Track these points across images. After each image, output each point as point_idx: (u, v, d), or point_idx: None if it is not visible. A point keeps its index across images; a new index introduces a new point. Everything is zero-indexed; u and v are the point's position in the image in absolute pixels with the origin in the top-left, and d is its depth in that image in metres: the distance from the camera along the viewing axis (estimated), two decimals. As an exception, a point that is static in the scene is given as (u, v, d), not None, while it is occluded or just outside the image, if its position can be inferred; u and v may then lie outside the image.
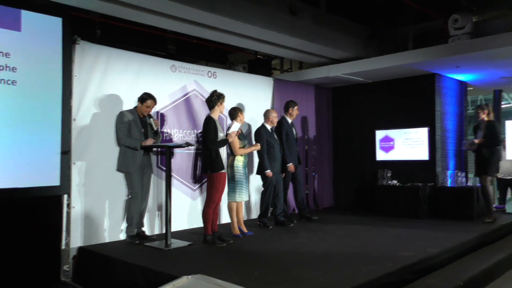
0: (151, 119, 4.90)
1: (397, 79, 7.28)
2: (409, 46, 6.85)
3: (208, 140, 4.57)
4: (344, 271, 3.58)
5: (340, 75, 7.11)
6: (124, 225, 4.85)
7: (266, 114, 5.80)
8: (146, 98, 4.77)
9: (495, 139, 6.02)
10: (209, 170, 4.56)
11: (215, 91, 4.76)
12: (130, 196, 4.77)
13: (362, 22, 7.16)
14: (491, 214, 6.05)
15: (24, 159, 4.11)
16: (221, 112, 4.81)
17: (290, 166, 5.91)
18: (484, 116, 6.12)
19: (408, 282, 3.67)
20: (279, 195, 5.77)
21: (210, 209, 4.62)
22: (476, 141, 6.09)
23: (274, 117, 5.78)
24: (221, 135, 4.66)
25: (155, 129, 4.89)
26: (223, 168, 4.63)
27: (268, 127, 5.74)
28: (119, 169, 4.79)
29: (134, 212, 4.73)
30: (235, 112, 5.01)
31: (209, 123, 4.63)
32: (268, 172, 5.53)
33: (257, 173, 5.75)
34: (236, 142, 4.98)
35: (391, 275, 3.54)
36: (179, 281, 3.21)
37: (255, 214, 6.34)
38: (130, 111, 4.81)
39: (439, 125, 6.99)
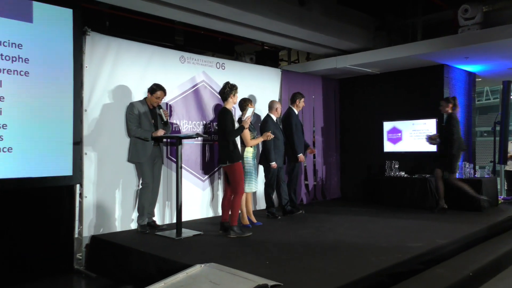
0: (161, 110, 4.93)
1: (405, 70, 7.26)
2: (418, 37, 6.82)
3: (228, 132, 4.59)
4: (354, 261, 3.62)
5: (348, 66, 7.10)
6: (135, 215, 4.91)
7: (272, 105, 5.82)
8: (156, 89, 4.80)
9: (449, 134, 5.89)
10: (229, 161, 4.58)
11: (227, 83, 4.76)
12: (141, 186, 4.82)
13: (370, 13, 7.13)
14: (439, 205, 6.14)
15: (37, 149, 4.15)
16: (234, 103, 4.82)
17: (301, 156, 5.93)
18: (448, 110, 6.03)
19: (417, 272, 3.71)
20: (282, 186, 5.81)
21: (240, 199, 4.63)
22: (432, 135, 6.10)
23: (279, 108, 5.81)
24: (236, 125, 4.70)
25: (165, 119, 4.93)
26: (241, 158, 4.70)
27: (274, 117, 5.76)
28: (130, 159, 4.84)
29: (145, 202, 4.78)
30: (244, 103, 5.04)
31: (226, 114, 4.64)
32: (273, 164, 5.56)
33: (260, 163, 5.78)
34: (247, 133, 5.01)
35: (401, 265, 3.58)
36: (192, 269, 3.27)
37: (262, 204, 6.39)
38: (140, 102, 4.85)
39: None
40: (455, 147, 5.89)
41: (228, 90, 4.72)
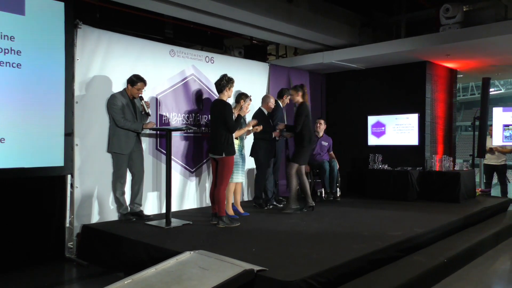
0: (142, 101, 4.97)
1: (389, 66, 7.47)
2: (402, 34, 7.02)
3: (231, 125, 4.69)
4: (336, 248, 3.80)
5: (334, 61, 7.28)
6: (116, 205, 4.98)
7: (265, 99, 5.96)
8: (137, 81, 4.83)
9: (296, 124, 5.45)
10: (225, 153, 4.68)
11: (225, 75, 4.84)
12: (114, 177, 4.86)
13: (356, 10, 7.30)
14: (289, 205, 5.60)
15: (29, 140, 4.24)
16: (229, 96, 4.90)
17: (276, 133, 5.87)
18: (299, 98, 5.57)
19: (395, 259, 3.92)
20: (269, 178, 5.97)
21: (224, 190, 4.76)
22: (280, 126, 5.68)
23: (272, 103, 5.93)
24: None
25: (147, 111, 4.98)
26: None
27: (265, 111, 5.90)
28: (111, 150, 4.84)
29: (119, 192, 4.86)
30: (239, 98, 5.16)
31: (227, 106, 4.72)
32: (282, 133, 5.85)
33: (250, 155, 5.92)
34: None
35: (380, 252, 3.78)
36: (182, 256, 3.42)
37: (246, 196, 6.58)
38: (120, 93, 4.86)
39: (429, 111, 7.22)
40: (306, 139, 5.48)
41: (225, 82, 4.80)
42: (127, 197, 5.01)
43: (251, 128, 5.40)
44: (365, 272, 3.53)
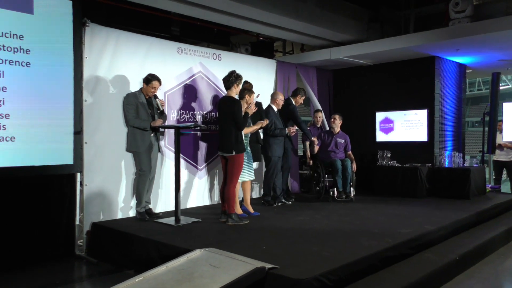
0: (157, 99, 5.02)
1: (397, 61, 7.41)
2: (410, 29, 6.95)
3: (241, 122, 4.67)
4: (347, 246, 3.79)
5: (342, 57, 7.23)
6: (134, 202, 5.04)
7: (274, 96, 5.93)
8: (151, 80, 4.87)
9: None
10: (235, 151, 4.65)
11: (233, 72, 4.81)
12: (138, 174, 4.93)
13: (364, 5, 7.24)
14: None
15: (39, 138, 4.25)
16: (237, 93, 4.86)
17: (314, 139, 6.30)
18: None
19: (406, 256, 3.89)
20: (278, 175, 5.95)
21: (234, 188, 4.73)
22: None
23: (281, 100, 5.91)
24: None
25: (161, 109, 5.02)
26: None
27: (275, 108, 5.88)
28: (129, 149, 4.93)
29: (142, 189, 4.90)
30: (243, 94, 5.14)
31: (237, 103, 4.69)
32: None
33: (261, 152, 5.89)
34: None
35: (391, 249, 3.75)
36: (192, 253, 3.41)
37: (253, 194, 6.56)
38: (136, 92, 4.92)
39: (438, 107, 7.16)
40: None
41: (233, 79, 4.77)
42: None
43: (261, 125, 5.38)
44: (376, 269, 3.51)
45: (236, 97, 4.87)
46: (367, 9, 7.30)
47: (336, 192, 6.28)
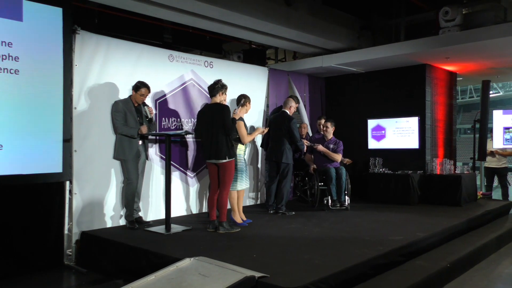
0: (145, 107, 4.99)
1: (388, 69, 7.45)
2: (401, 37, 7.00)
3: (230, 129, 4.66)
4: (338, 254, 3.77)
5: (333, 65, 7.26)
6: (124, 211, 4.98)
7: (288, 103, 5.99)
8: (140, 87, 4.85)
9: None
10: (228, 157, 4.64)
11: (219, 80, 4.85)
12: (126, 183, 4.87)
13: (355, 14, 7.30)
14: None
15: (28, 147, 4.20)
16: (221, 101, 4.87)
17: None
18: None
19: (398, 264, 3.88)
20: (283, 182, 5.93)
21: (227, 195, 4.72)
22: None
23: (294, 107, 6.01)
24: None
25: (150, 117, 4.99)
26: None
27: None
28: (116, 156, 4.88)
29: (130, 198, 4.84)
30: (245, 100, 5.15)
31: (227, 110, 4.68)
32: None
33: (275, 160, 5.92)
34: (243, 128, 5.10)
35: (382, 257, 3.74)
36: (182, 262, 3.38)
37: (247, 201, 6.53)
38: (125, 100, 4.90)
39: (429, 114, 7.20)
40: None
41: (219, 87, 4.80)
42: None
43: (261, 132, 5.51)
44: (367, 277, 3.49)
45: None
46: (359, 18, 7.36)
47: (330, 200, 6.19)
